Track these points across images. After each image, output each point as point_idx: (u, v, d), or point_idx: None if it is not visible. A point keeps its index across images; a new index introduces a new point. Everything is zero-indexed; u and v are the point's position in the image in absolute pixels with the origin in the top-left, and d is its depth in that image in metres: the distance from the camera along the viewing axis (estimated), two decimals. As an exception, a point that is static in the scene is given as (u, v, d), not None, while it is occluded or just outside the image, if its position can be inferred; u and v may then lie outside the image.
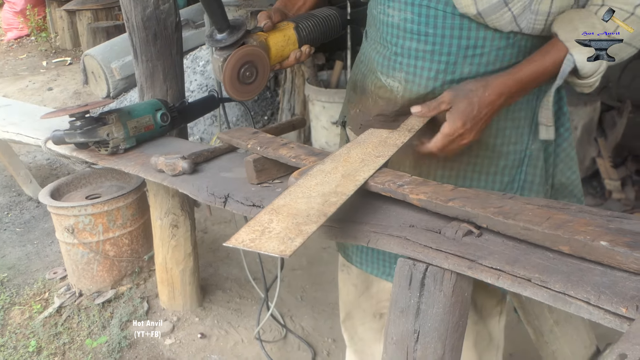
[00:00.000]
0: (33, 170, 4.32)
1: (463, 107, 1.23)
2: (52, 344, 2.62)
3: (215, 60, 1.34)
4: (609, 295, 0.76)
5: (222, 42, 1.30)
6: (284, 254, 0.89)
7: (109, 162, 1.77)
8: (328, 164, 1.20)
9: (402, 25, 1.35)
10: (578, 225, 0.86)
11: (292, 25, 1.44)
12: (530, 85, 1.27)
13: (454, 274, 0.93)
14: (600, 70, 1.23)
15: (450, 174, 1.43)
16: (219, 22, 1.28)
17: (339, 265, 1.87)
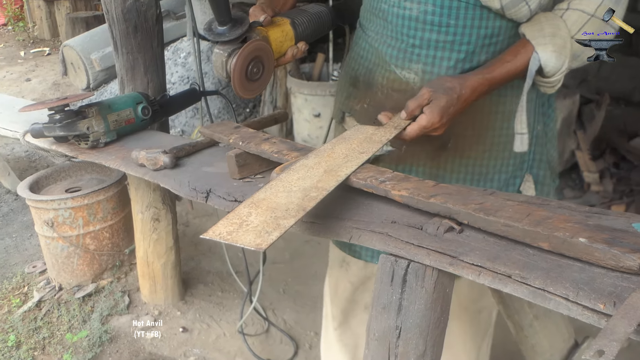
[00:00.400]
0: (11, 163, 4.26)
1: (443, 103, 1.27)
2: (31, 338, 2.60)
3: (218, 55, 1.26)
4: (587, 291, 0.77)
5: (226, 36, 1.23)
6: (260, 247, 0.90)
7: (89, 156, 1.75)
8: (311, 159, 1.20)
9: (421, 18, 1.38)
10: (557, 221, 0.87)
11: (288, 21, 1.40)
12: (501, 83, 1.35)
13: (435, 270, 0.93)
14: (562, 69, 1.32)
15: (467, 162, 1.50)
16: (223, 14, 1.20)
17: (335, 263, 1.86)
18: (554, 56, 1.31)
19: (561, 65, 1.32)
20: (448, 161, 1.50)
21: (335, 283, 1.89)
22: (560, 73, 1.34)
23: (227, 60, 1.23)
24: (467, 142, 1.49)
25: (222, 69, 1.25)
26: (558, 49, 1.31)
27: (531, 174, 1.56)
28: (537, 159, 1.56)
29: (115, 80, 5.43)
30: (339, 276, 1.86)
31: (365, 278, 1.79)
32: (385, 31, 1.47)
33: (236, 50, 1.24)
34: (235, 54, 1.24)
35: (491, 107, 1.47)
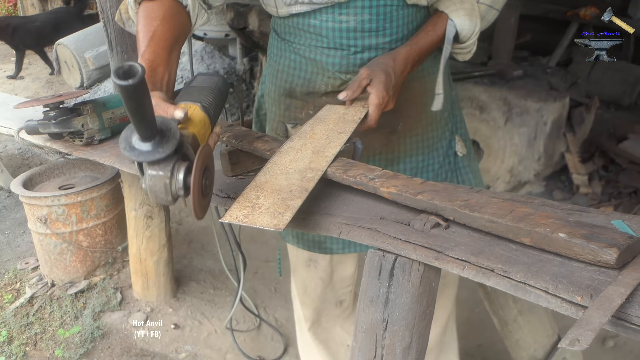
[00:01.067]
0: (4, 160, 4.27)
1: (383, 78, 1.34)
2: (23, 334, 2.62)
3: (156, 178, 0.97)
4: (566, 284, 0.80)
5: (159, 153, 0.93)
6: (278, 227, 0.97)
7: (84, 153, 1.77)
8: (296, 141, 1.27)
9: (359, 27, 1.45)
10: (539, 218, 0.91)
11: (198, 107, 1.13)
12: (427, 52, 1.47)
13: (421, 264, 0.96)
14: (475, 31, 1.45)
15: (416, 138, 1.62)
16: (149, 128, 0.92)
17: (301, 263, 1.89)
18: (467, 19, 1.44)
19: (474, 27, 1.44)
20: (400, 142, 1.61)
21: (303, 284, 1.94)
22: (475, 35, 1.46)
23: (172, 182, 0.97)
24: (412, 121, 1.60)
25: (167, 193, 0.98)
26: (469, 12, 1.43)
27: (459, 134, 1.74)
28: (459, 120, 1.76)
29: (108, 79, 5.44)
30: (307, 276, 1.90)
31: (332, 272, 1.87)
32: (321, 44, 1.51)
33: (177, 166, 0.98)
34: (179, 170, 0.98)
35: (425, 85, 1.59)
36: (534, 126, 3.52)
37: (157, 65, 1.19)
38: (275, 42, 1.64)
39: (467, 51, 1.51)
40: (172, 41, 1.26)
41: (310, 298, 1.95)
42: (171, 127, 0.95)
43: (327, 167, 1.17)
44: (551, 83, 3.87)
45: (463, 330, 2.64)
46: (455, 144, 1.72)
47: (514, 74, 3.80)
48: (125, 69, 0.81)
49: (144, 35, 1.24)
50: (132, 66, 0.81)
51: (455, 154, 1.72)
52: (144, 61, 1.16)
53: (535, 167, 3.65)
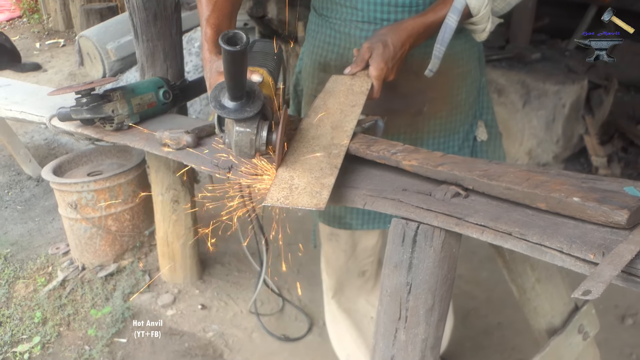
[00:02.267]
0: (31, 150, 4.37)
1: (381, 50, 1.39)
2: (57, 315, 2.72)
3: (244, 134, 1.10)
4: (579, 244, 0.86)
5: (246, 112, 1.08)
6: (319, 206, 1.05)
7: (114, 138, 1.84)
8: (312, 116, 1.33)
9: (393, 2, 1.50)
10: (554, 184, 0.96)
11: (265, 71, 1.25)
12: (433, 26, 1.46)
13: (442, 231, 1.02)
14: (485, 3, 1.43)
15: (440, 121, 1.67)
16: (239, 89, 1.05)
17: (324, 237, 1.99)
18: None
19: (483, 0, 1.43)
20: (425, 124, 1.66)
21: (327, 256, 2.04)
22: (485, 7, 1.45)
23: (257, 138, 1.11)
24: (438, 103, 1.65)
25: (251, 147, 1.12)
26: None
27: (482, 119, 1.77)
28: (485, 106, 1.79)
29: (130, 70, 5.53)
30: (329, 249, 2.00)
31: (354, 245, 1.93)
32: (355, 17, 1.56)
33: (261, 124, 1.12)
34: (262, 128, 1.12)
35: (453, 69, 1.63)
36: (552, 109, 3.54)
37: (221, 30, 1.32)
38: (313, 19, 1.72)
39: (482, 29, 1.52)
40: (231, 9, 1.41)
41: (332, 268, 2.03)
42: (255, 89, 1.10)
43: (349, 142, 1.24)
44: (569, 66, 3.88)
45: (483, 309, 2.70)
46: (477, 128, 1.76)
47: (532, 57, 3.82)
48: (229, 35, 0.91)
49: (207, 1, 1.36)
50: (236, 33, 0.92)
51: (475, 138, 1.76)
52: (209, 25, 1.32)
53: (553, 150, 3.67)
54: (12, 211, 3.73)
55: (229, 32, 0.92)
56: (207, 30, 1.32)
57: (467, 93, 1.69)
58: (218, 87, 1.10)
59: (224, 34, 0.90)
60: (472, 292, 2.81)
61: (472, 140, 1.77)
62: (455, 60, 1.62)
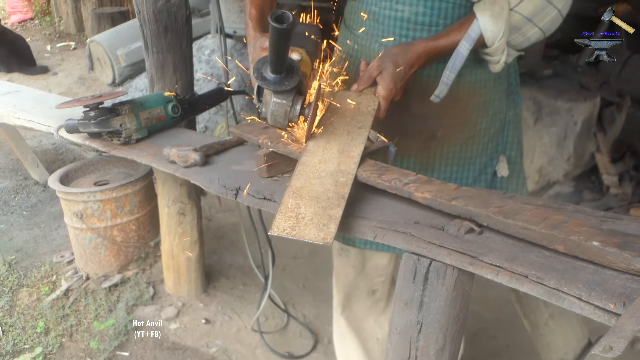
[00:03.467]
0: (39, 155, 4.37)
1: (392, 70, 1.38)
2: (59, 325, 2.69)
3: (280, 105, 1.22)
4: (599, 292, 0.82)
5: (285, 85, 1.18)
6: (326, 241, 1.03)
7: (122, 152, 1.82)
8: (319, 137, 1.32)
9: (412, 19, 1.49)
10: (573, 225, 0.92)
11: (304, 51, 1.33)
12: (444, 51, 1.45)
13: (455, 269, 0.99)
14: (500, 35, 1.41)
15: (454, 149, 1.63)
16: (281, 63, 1.14)
17: (335, 252, 1.96)
18: (491, 20, 1.41)
19: (498, 31, 1.41)
20: (437, 150, 1.62)
21: (336, 270, 2.01)
22: (499, 40, 1.42)
23: (291, 110, 1.22)
24: (454, 130, 1.61)
25: (285, 118, 1.24)
26: (495, 14, 1.41)
27: (505, 154, 1.72)
28: (510, 141, 1.73)
29: (140, 76, 5.52)
30: (339, 264, 1.97)
31: (364, 261, 1.91)
32: (376, 31, 1.56)
33: (296, 98, 1.23)
34: (297, 102, 1.23)
35: (474, 97, 1.59)
36: (564, 126, 3.50)
37: (264, 10, 1.43)
38: (342, 31, 1.72)
39: (497, 60, 1.49)
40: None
41: (341, 284, 2.01)
42: (294, 65, 1.20)
43: (356, 169, 1.21)
44: (582, 82, 3.84)
45: (492, 330, 2.66)
46: (498, 163, 1.71)
47: (544, 73, 3.78)
48: (278, 14, 1.00)
49: None
50: (284, 13, 1.00)
51: (494, 173, 1.71)
52: (253, 6, 1.43)
53: (564, 167, 3.63)
54: (18, 217, 3.72)
55: (277, 11, 1.00)
56: (252, 10, 1.42)
57: (487, 124, 1.65)
58: (261, 60, 1.19)
59: (273, 13, 0.99)
60: (480, 312, 2.78)
61: (491, 174, 1.72)
62: (477, 89, 1.59)
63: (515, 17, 1.43)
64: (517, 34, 1.47)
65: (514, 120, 1.73)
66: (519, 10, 1.43)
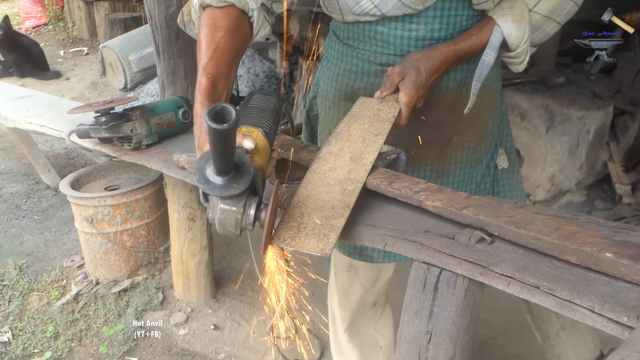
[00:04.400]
0: (51, 159, 4.40)
1: (414, 77, 1.35)
2: (69, 330, 2.70)
3: (229, 212, 0.97)
4: (612, 304, 0.81)
5: (234, 189, 0.93)
6: (324, 252, 1.00)
7: (132, 157, 1.83)
8: (334, 144, 1.29)
9: (428, 36, 1.45)
10: (585, 236, 0.91)
11: (261, 132, 1.11)
12: (466, 55, 1.43)
13: (466, 279, 0.98)
14: (525, 39, 1.39)
15: (467, 152, 1.62)
16: (226, 164, 0.91)
17: (342, 268, 1.91)
18: (514, 26, 1.39)
19: (522, 34, 1.39)
20: (452, 155, 1.61)
21: (343, 287, 1.96)
22: (524, 43, 1.41)
23: (243, 217, 0.97)
24: (467, 134, 1.60)
25: (236, 227, 0.98)
26: (517, 18, 1.39)
27: (503, 147, 1.73)
28: (505, 133, 1.75)
29: (151, 81, 5.56)
30: (347, 281, 1.92)
31: (375, 279, 1.88)
32: (387, 51, 1.51)
33: (249, 201, 0.98)
34: (250, 206, 0.98)
35: (484, 100, 1.58)
36: (576, 134, 3.48)
37: (217, 81, 1.18)
38: (335, 46, 1.63)
39: (520, 61, 1.47)
40: (233, 55, 1.25)
41: (349, 301, 1.97)
42: (245, 161, 0.95)
43: (366, 177, 1.20)
44: (594, 91, 3.81)
45: (501, 339, 2.64)
46: (498, 156, 1.72)
47: (556, 81, 3.76)
48: (217, 110, 0.80)
49: (206, 45, 1.22)
50: (224, 108, 0.81)
51: (495, 166, 1.72)
52: (205, 75, 1.16)
53: (576, 176, 3.60)
54: (30, 221, 3.74)
55: (217, 105, 0.80)
56: (203, 80, 1.16)
57: (493, 122, 1.66)
58: (204, 157, 0.95)
59: (210, 108, 0.78)
60: (489, 320, 2.75)
61: (493, 168, 1.73)
62: (487, 92, 1.58)
63: (535, 17, 1.43)
64: (538, 32, 1.46)
65: (505, 112, 1.76)
66: (537, 10, 1.42)
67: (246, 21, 1.32)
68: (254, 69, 5.26)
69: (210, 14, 1.27)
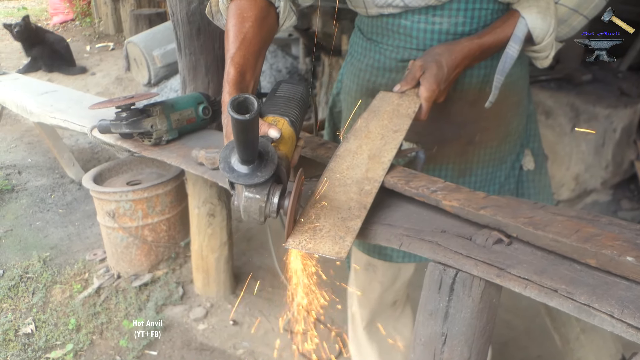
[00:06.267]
0: (75, 153, 4.45)
1: (435, 71, 1.32)
2: (90, 322, 2.73)
3: (253, 200, 0.99)
4: (632, 309, 0.79)
5: (257, 177, 0.96)
6: (340, 255, 0.97)
7: (152, 153, 1.83)
8: (352, 141, 1.27)
9: (452, 30, 1.42)
10: (606, 239, 0.89)
11: (287, 122, 1.13)
12: (490, 49, 1.39)
13: (482, 280, 0.96)
14: (550, 31, 1.35)
15: (490, 151, 1.59)
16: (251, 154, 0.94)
17: (361, 266, 1.91)
18: (539, 17, 1.35)
19: (548, 27, 1.35)
20: (475, 154, 1.58)
21: (362, 285, 1.95)
22: (549, 36, 1.37)
23: (267, 205, 1.00)
24: (490, 133, 1.57)
25: (260, 214, 1.01)
26: (542, 10, 1.35)
27: (529, 148, 1.70)
28: (532, 134, 1.72)
29: (175, 76, 5.59)
30: (365, 279, 1.91)
31: (394, 278, 1.87)
32: (409, 45, 1.49)
33: (273, 189, 1.01)
34: (274, 194, 1.01)
35: (508, 98, 1.54)
36: (602, 133, 3.41)
37: (245, 71, 1.18)
38: (359, 41, 1.63)
39: (545, 56, 1.43)
40: (260, 45, 1.25)
41: (367, 299, 1.96)
42: (269, 150, 0.98)
43: (383, 176, 1.18)
44: (622, 88, 3.74)
45: (523, 340, 2.61)
46: (524, 157, 1.68)
47: (582, 78, 3.69)
48: (240, 100, 0.82)
49: (234, 35, 1.22)
50: (247, 99, 0.83)
51: (520, 167, 1.69)
52: (233, 64, 1.17)
53: (602, 175, 3.53)
54: (54, 214, 3.79)
55: (239, 96, 0.82)
56: (230, 70, 1.16)
57: (518, 122, 1.62)
58: (229, 145, 0.98)
59: (233, 99, 0.80)
60: (511, 321, 2.72)
61: (518, 169, 1.69)
62: (512, 89, 1.54)
63: (561, 10, 1.39)
64: (563, 25, 1.43)
65: (533, 113, 1.72)
66: (564, 2, 1.38)
67: (273, 12, 1.33)
68: (277, 65, 5.26)
69: (238, 4, 1.27)
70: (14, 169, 4.45)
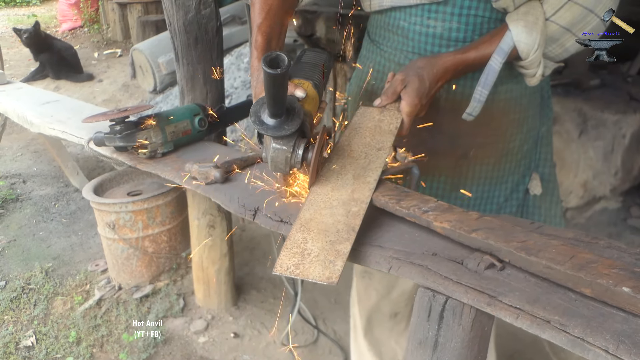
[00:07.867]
0: (80, 162, 4.44)
1: (417, 85, 1.30)
2: (91, 335, 2.70)
3: (280, 151, 1.10)
4: (629, 345, 0.74)
5: (284, 130, 1.06)
6: (331, 280, 0.95)
7: (147, 166, 1.81)
8: (334, 161, 1.25)
9: (445, 35, 1.41)
10: (602, 266, 0.84)
11: (311, 84, 1.22)
12: (474, 64, 1.37)
13: (473, 308, 0.92)
14: (535, 47, 1.32)
15: (486, 168, 1.55)
16: (279, 107, 1.04)
17: (357, 274, 1.91)
18: (524, 31, 1.32)
19: (533, 42, 1.32)
20: (469, 169, 1.55)
21: (361, 293, 1.94)
22: (534, 52, 1.34)
23: (292, 156, 1.11)
24: (487, 149, 1.53)
25: (286, 165, 1.12)
26: (529, 25, 1.32)
27: (537, 172, 1.64)
28: (543, 157, 1.66)
29: (180, 84, 5.57)
30: (362, 286, 1.91)
31: (390, 287, 1.84)
32: (405, 47, 1.48)
33: (298, 142, 1.11)
34: (299, 146, 1.11)
35: (508, 114, 1.50)
36: (611, 139, 3.35)
37: (271, 39, 1.30)
38: (366, 44, 1.65)
39: (533, 74, 1.40)
40: (283, 16, 1.35)
41: (364, 307, 1.95)
42: (296, 106, 1.09)
43: (370, 197, 1.14)
44: (631, 93, 3.67)
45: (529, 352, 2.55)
46: (530, 181, 1.63)
47: (590, 83, 3.62)
48: (272, 57, 0.92)
49: (260, 6, 1.32)
50: (279, 55, 0.94)
51: (526, 191, 1.63)
52: (260, 33, 1.29)
53: (611, 182, 3.47)
54: (57, 224, 3.78)
55: (272, 53, 0.93)
56: (258, 38, 1.29)
57: (521, 141, 1.57)
58: (259, 101, 1.09)
59: (266, 55, 0.91)
60: (517, 333, 2.66)
61: (523, 193, 1.64)
62: (513, 106, 1.50)
63: (552, 28, 1.34)
64: (555, 45, 1.38)
65: (546, 135, 1.65)
66: (555, 20, 1.33)
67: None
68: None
69: None
70: (19, 177, 4.44)
